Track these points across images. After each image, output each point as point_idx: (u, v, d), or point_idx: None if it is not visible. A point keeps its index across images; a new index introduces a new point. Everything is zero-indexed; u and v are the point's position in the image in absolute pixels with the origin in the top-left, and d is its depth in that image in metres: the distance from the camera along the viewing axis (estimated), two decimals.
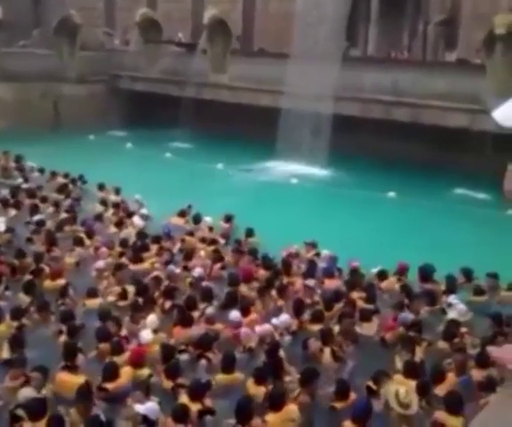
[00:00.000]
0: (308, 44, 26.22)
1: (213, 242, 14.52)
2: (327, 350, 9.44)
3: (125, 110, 33.96)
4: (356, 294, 11.65)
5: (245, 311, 10.58)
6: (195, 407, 7.77)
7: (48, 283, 11.95)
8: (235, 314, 10.32)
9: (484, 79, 22.29)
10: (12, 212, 16.54)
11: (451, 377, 8.79)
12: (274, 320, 10.20)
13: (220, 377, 8.74)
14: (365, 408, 7.64)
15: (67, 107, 33.52)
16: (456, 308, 10.91)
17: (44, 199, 17.75)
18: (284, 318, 10.34)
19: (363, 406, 7.71)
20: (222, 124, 29.61)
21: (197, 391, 7.96)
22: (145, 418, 7.31)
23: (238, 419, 7.38)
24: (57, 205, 17.33)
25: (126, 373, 8.57)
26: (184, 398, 7.92)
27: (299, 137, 25.17)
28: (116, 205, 17.44)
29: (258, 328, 9.91)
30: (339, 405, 8.10)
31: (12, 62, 32.15)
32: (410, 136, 24.34)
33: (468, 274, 12.75)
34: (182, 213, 16.76)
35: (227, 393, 8.40)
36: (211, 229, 15.72)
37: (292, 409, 7.86)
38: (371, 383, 8.39)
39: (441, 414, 7.76)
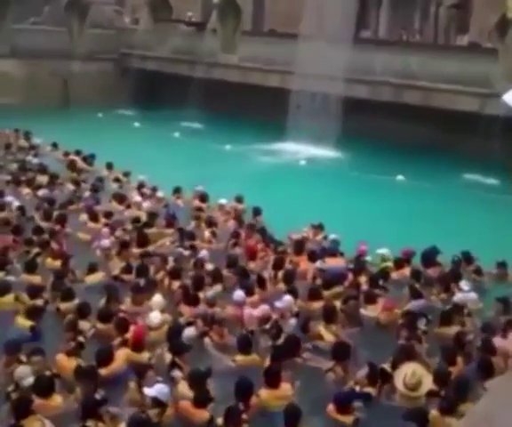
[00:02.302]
0: (318, 25, 26.04)
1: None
2: (328, 334, 9.41)
3: (134, 89, 33.83)
4: (363, 279, 11.60)
5: (250, 292, 10.58)
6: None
7: (49, 262, 11.92)
8: (238, 293, 10.31)
9: (495, 63, 22.13)
10: (26, 190, 16.58)
11: (460, 362, 8.73)
12: (277, 303, 10.09)
13: (240, 358, 8.73)
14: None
15: (76, 84, 33.56)
16: (467, 296, 10.73)
17: (54, 176, 17.79)
18: (287, 299, 10.22)
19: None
20: (232, 104, 29.49)
21: (196, 379, 7.90)
22: (155, 400, 7.25)
23: (238, 397, 7.41)
24: (77, 183, 17.42)
25: (121, 356, 8.48)
26: (183, 386, 7.89)
27: (308, 118, 25.05)
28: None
29: (256, 310, 9.86)
30: (372, 390, 8.01)
31: (22, 39, 32.16)
32: (420, 119, 24.21)
33: (467, 257, 12.66)
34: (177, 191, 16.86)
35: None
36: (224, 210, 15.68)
37: (286, 388, 7.95)
38: (386, 366, 8.31)
39: None
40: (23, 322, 9.59)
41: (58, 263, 11.64)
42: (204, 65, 30.93)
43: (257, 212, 15.22)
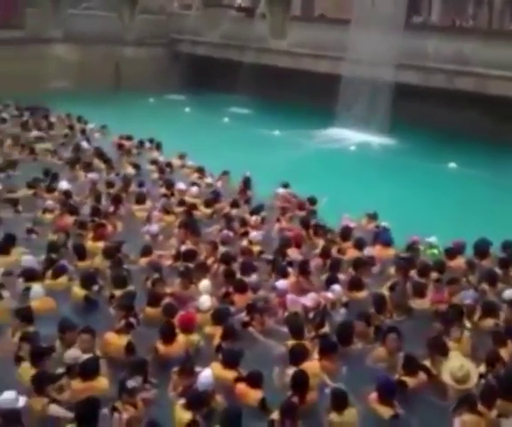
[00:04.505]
0: (369, 11, 25.76)
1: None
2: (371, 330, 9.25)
3: (185, 74, 34.14)
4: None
5: (284, 275, 10.57)
6: (230, 375, 7.83)
7: (90, 244, 12.01)
8: (281, 282, 10.29)
9: None
10: (81, 173, 16.89)
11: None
12: (327, 292, 9.99)
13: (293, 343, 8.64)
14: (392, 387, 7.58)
15: (127, 69, 33.97)
16: None
17: (107, 160, 18.11)
18: (337, 288, 10.13)
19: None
20: (281, 89, 29.46)
21: (232, 359, 7.95)
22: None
23: (294, 391, 7.34)
24: (136, 166, 17.73)
25: (181, 339, 8.56)
26: (217, 367, 7.93)
27: (358, 104, 24.87)
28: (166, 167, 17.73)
29: (305, 299, 9.73)
30: (410, 381, 7.92)
31: (75, 24, 32.78)
32: (473, 106, 23.79)
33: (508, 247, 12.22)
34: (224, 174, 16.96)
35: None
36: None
37: (314, 365, 7.93)
38: (427, 363, 8.20)
39: None
40: (78, 292, 9.92)
41: (103, 244, 11.74)
42: (254, 50, 30.96)
43: (312, 201, 15.03)
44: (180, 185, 15.73)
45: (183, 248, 11.69)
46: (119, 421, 6.82)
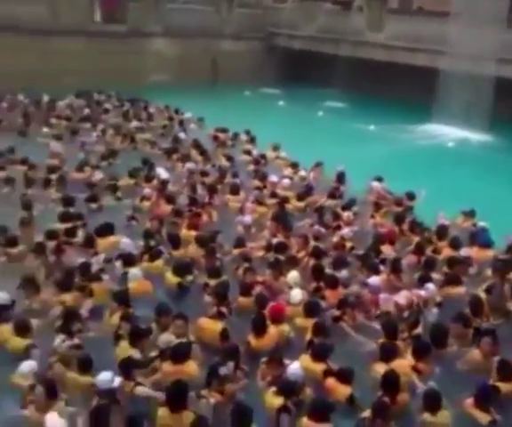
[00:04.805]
0: (470, 4, 24.97)
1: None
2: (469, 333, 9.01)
3: (280, 68, 34.29)
4: None
5: (376, 272, 10.47)
6: (319, 368, 7.87)
7: (184, 233, 12.30)
8: (373, 279, 10.20)
9: None
10: (179, 163, 17.30)
11: None
12: (420, 291, 9.82)
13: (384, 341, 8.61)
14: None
15: (224, 62, 34.45)
16: None
17: (204, 152, 18.49)
18: (431, 287, 9.93)
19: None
20: (377, 83, 29.11)
21: (321, 352, 7.99)
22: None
23: (385, 391, 7.30)
24: (230, 158, 18.05)
25: (272, 331, 8.65)
26: (306, 360, 7.99)
27: (457, 99, 24.18)
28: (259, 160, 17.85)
29: (398, 296, 9.63)
30: (503, 386, 7.73)
31: (174, 18, 33.52)
32: None
33: None
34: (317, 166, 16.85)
35: None
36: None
37: (403, 364, 7.86)
38: None
39: None
40: (171, 278, 10.23)
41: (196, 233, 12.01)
42: (350, 43, 30.72)
43: (411, 197, 14.78)
44: (273, 177, 15.84)
45: (274, 240, 11.80)
46: (207, 405, 7.00)
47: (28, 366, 7.41)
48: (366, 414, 6.98)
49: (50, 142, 18.59)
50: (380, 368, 7.80)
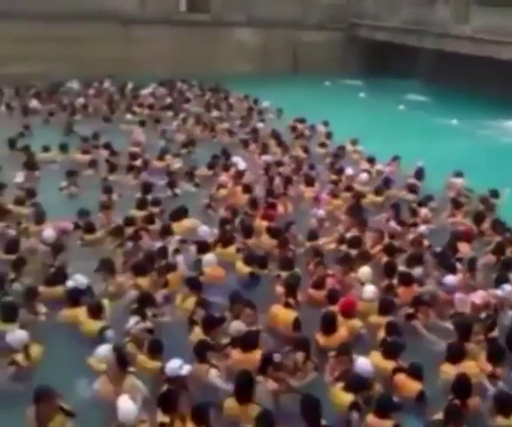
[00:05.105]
0: None
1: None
2: None
3: (362, 59, 33.94)
4: None
5: (452, 271, 10.24)
6: (389, 365, 7.80)
7: (258, 222, 12.38)
8: (450, 278, 10.00)
9: None
10: (256, 154, 17.43)
11: None
12: (498, 291, 9.58)
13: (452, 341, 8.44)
14: None
15: (305, 53, 34.39)
16: None
17: (282, 143, 18.57)
18: (508, 288, 9.60)
19: None
20: (461, 77, 28.32)
21: (393, 350, 7.92)
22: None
23: (456, 394, 7.14)
24: (306, 150, 18.07)
25: (342, 331, 8.60)
26: (376, 356, 7.95)
27: None
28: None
29: (474, 296, 9.42)
30: None
31: (257, 8, 33.68)
32: None
33: None
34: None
35: None
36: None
37: (472, 366, 7.71)
38: None
39: None
40: (242, 268, 10.39)
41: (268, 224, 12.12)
42: (434, 36, 30.01)
43: (494, 194, 14.37)
44: (349, 171, 15.73)
45: (348, 235, 11.76)
46: (265, 392, 7.08)
47: (104, 350, 7.55)
48: (437, 416, 6.88)
49: (132, 129, 19.18)
50: (448, 369, 7.70)
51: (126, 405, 6.42)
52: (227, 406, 6.96)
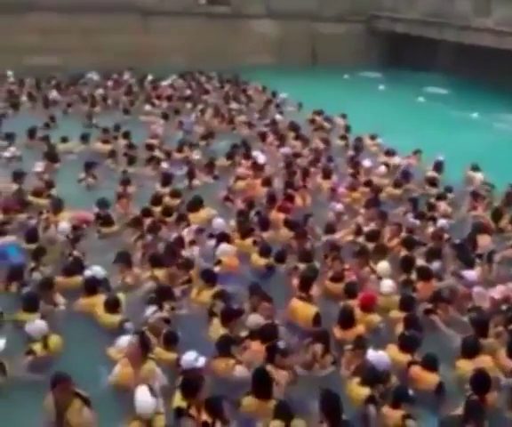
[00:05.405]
0: None
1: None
2: None
3: (381, 51, 33.73)
4: None
5: (471, 265, 10.19)
6: (405, 359, 7.77)
7: (274, 215, 12.39)
8: (470, 273, 9.94)
9: None
10: (274, 146, 17.45)
11: None
12: None
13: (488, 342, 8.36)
14: None
15: (324, 45, 34.27)
16: None
17: (300, 135, 18.54)
18: None
19: None
20: (482, 70, 28.04)
21: (409, 344, 7.89)
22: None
23: (476, 390, 7.06)
24: (326, 142, 18.09)
25: (360, 326, 8.55)
26: (393, 350, 7.91)
27: None
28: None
29: (493, 291, 9.36)
30: None
31: (277, 0, 33.57)
32: None
33: None
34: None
35: None
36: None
37: (487, 360, 7.70)
38: None
39: None
40: (257, 260, 10.41)
41: (285, 216, 12.12)
42: (455, 28, 29.74)
43: None
44: (367, 164, 15.68)
45: (366, 228, 11.74)
46: (278, 387, 7.07)
47: (125, 341, 7.58)
48: (456, 412, 6.82)
49: (152, 121, 19.27)
50: (463, 364, 7.71)
51: (144, 397, 6.42)
52: (246, 404, 6.91)
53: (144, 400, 6.40)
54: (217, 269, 9.80)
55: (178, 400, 6.68)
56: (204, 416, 6.48)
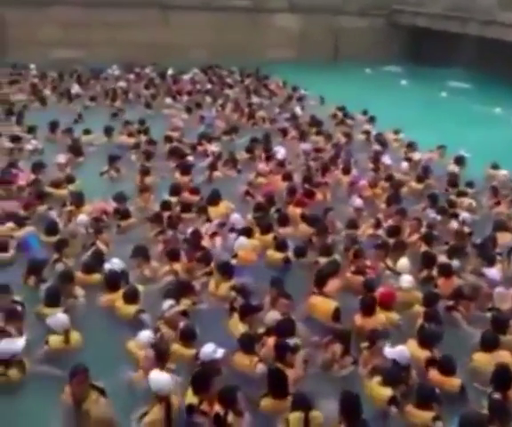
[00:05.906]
0: None
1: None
2: None
3: (404, 46, 33.49)
4: None
5: (492, 263, 10.09)
6: (423, 355, 7.69)
7: (291, 210, 12.37)
8: (492, 271, 9.86)
9: None
10: (295, 140, 17.37)
11: None
12: None
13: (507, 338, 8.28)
14: None
15: (346, 39, 34.10)
16: None
17: (321, 131, 18.48)
18: None
19: None
20: (506, 65, 27.69)
21: (428, 339, 7.82)
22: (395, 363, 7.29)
23: (496, 387, 6.99)
24: (348, 136, 18.03)
25: (381, 315, 8.54)
26: (412, 345, 7.84)
27: None
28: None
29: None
30: None
31: None
32: None
33: None
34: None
35: None
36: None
37: (505, 355, 7.64)
38: None
39: None
40: (273, 254, 10.38)
41: (302, 211, 12.10)
42: (478, 23, 29.43)
43: None
44: (387, 160, 15.59)
45: (386, 224, 11.68)
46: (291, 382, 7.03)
47: (145, 336, 7.56)
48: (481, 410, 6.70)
49: (173, 114, 19.32)
50: (480, 357, 7.67)
51: (159, 376, 6.47)
52: (264, 404, 6.85)
53: (158, 378, 6.45)
54: (233, 262, 9.79)
55: (189, 397, 6.65)
56: (217, 408, 6.42)
